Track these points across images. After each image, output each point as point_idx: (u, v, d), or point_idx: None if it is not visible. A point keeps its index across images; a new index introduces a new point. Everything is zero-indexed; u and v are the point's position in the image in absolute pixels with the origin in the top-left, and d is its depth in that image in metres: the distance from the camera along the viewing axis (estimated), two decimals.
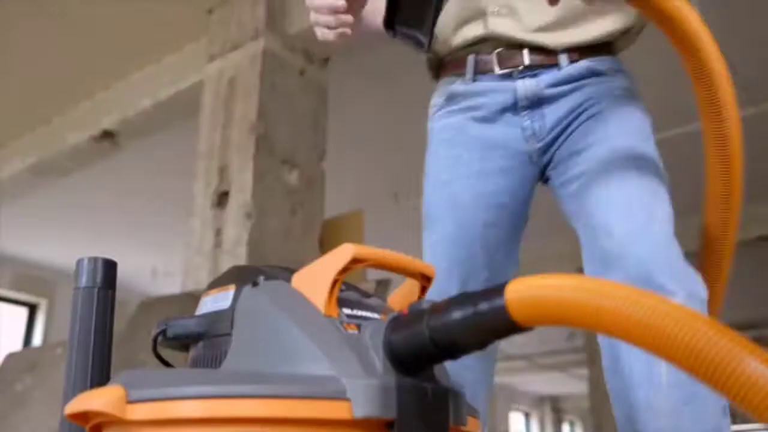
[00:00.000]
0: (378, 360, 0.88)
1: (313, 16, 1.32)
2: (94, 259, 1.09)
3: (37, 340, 7.39)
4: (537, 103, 1.51)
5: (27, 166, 5.90)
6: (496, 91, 1.53)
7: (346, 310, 0.95)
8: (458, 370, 1.07)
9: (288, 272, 0.99)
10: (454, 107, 1.57)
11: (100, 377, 1.06)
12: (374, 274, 3.65)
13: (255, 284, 0.97)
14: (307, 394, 0.83)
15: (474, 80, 1.56)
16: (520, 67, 1.53)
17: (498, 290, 0.80)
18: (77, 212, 6.60)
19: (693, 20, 1.20)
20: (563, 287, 0.75)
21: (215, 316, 1.00)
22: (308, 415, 0.83)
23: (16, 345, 6.70)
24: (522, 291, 0.78)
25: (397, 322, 0.89)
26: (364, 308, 0.97)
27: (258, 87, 4.21)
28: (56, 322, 7.42)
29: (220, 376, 0.90)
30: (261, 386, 0.83)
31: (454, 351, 0.86)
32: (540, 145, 1.51)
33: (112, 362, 1.08)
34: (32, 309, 7.64)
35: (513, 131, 1.53)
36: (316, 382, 0.85)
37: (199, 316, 1.02)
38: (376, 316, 0.97)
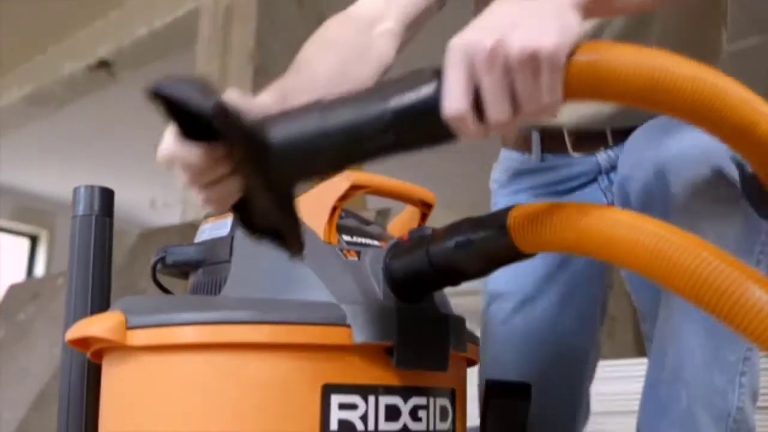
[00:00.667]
0: (378, 286, 0.88)
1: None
2: (91, 188, 1.08)
3: (39, 270, 7.43)
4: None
5: (23, 95, 5.83)
6: (572, 165, 1.26)
7: (346, 237, 0.94)
8: None
9: None
10: (521, 186, 1.32)
11: (100, 304, 1.06)
12: (374, 203, 3.64)
13: None
14: (307, 320, 0.83)
15: (542, 159, 1.29)
16: (602, 149, 1.24)
17: (500, 216, 0.79)
18: (76, 143, 6.56)
19: None
20: (567, 213, 0.74)
21: (214, 243, 0.99)
22: (308, 340, 0.83)
23: (18, 276, 6.74)
24: (525, 216, 0.77)
25: (398, 249, 0.89)
26: (364, 235, 0.97)
27: (256, 15, 4.12)
28: (57, 252, 7.45)
29: (219, 302, 0.90)
30: (260, 312, 0.83)
31: (454, 277, 0.85)
32: None
33: (112, 292, 1.08)
34: (33, 240, 7.66)
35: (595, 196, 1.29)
36: (316, 309, 0.84)
37: (198, 244, 1.02)
38: (375, 243, 0.96)
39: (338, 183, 0.91)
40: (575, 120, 1.22)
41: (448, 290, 0.93)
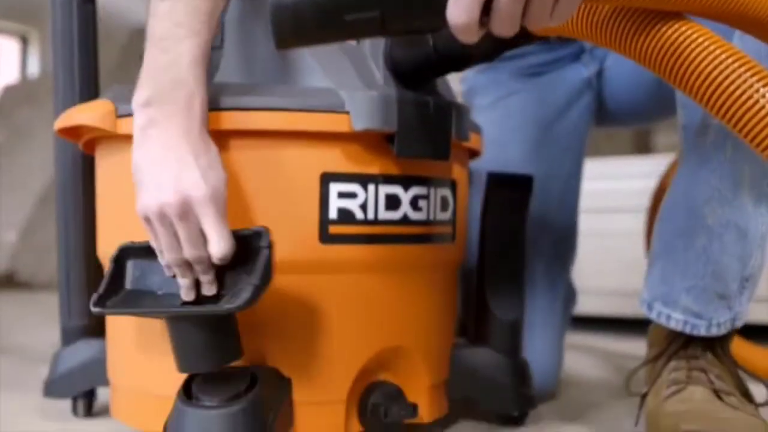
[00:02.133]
0: (378, 72, 0.83)
1: None
2: None
3: (32, 71, 7.31)
4: None
5: None
6: (555, 48, 1.26)
7: None
8: None
9: None
10: (501, 70, 1.28)
11: (88, 93, 1.02)
12: None
13: None
14: (304, 107, 0.79)
15: None
16: None
17: None
18: None
19: None
20: None
21: None
22: (305, 127, 0.79)
23: (12, 78, 6.63)
24: None
25: None
26: None
27: None
28: (50, 52, 7.28)
29: (213, 89, 0.85)
30: (256, 98, 0.79)
31: (459, 61, 0.81)
32: None
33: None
34: (24, 41, 7.47)
35: None
36: (314, 95, 0.81)
37: None
38: None
39: None
40: None
41: None
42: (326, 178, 0.81)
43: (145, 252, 0.78)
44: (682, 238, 0.90)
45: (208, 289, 0.75)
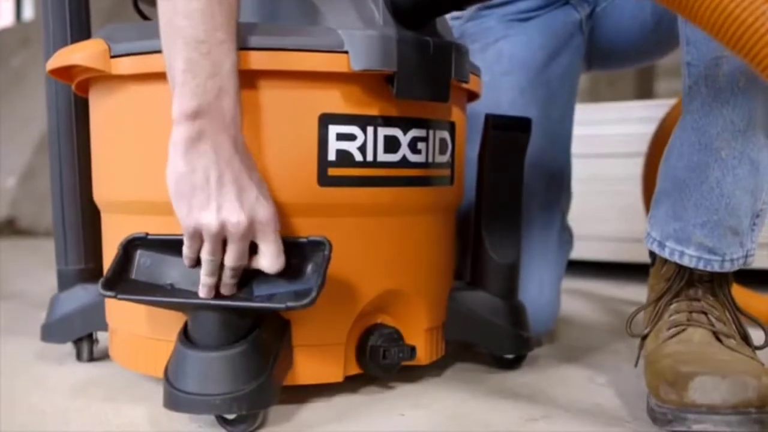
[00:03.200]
0: (377, 11, 0.81)
1: None
2: None
3: (27, 15, 7.21)
4: None
5: None
6: None
7: None
8: None
9: None
10: (490, 16, 1.27)
11: (80, 33, 1.00)
12: None
13: None
14: (302, 46, 0.78)
15: None
16: None
17: None
18: None
19: None
20: None
21: None
22: (304, 67, 0.78)
23: (7, 21, 6.54)
24: None
25: None
26: None
27: None
28: None
29: None
30: (252, 37, 0.77)
31: None
32: None
33: None
34: None
35: None
36: (311, 34, 0.79)
37: None
38: None
39: None
40: None
41: None
42: (325, 120, 0.80)
43: (157, 244, 0.80)
44: (696, 172, 0.88)
45: (229, 290, 0.77)
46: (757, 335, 0.91)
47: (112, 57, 0.82)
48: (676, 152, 0.91)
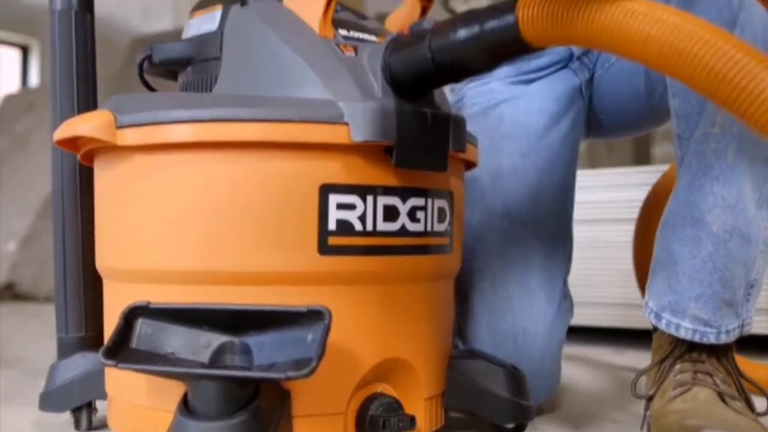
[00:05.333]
0: (376, 83, 0.83)
1: None
2: None
3: (33, 81, 7.32)
4: None
5: None
6: (544, 54, 1.25)
7: (342, 32, 0.88)
8: None
9: None
10: (492, 77, 1.29)
11: (87, 104, 1.02)
12: (373, 6, 3.51)
13: (243, 3, 0.90)
14: (303, 118, 0.79)
15: None
16: None
17: (508, 6, 0.73)
18: None
19: None
20: (578, 3, 0.68)
21: (202, 38, 0.94)
22: (305, 139, 0.80)
23: (13, 87, 6.65)
24: (535, 7, 0.71)
25: (397, 43, 0.83)
26: (361, 30, 0.91)
27: None
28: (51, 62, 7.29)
29: (212, 99, 0.86)
30: (255, 109, 0.79)
31: (457, 73, 0.81)
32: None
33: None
34: (25, 51, 7.49)
35: None
36: (313, 106, 0.81)
37: (186, 40, 0.96)
38: (373, 38, 0.91)
39: None
40: None
41: None
42: (325, 190, 0.81)
43: (158, 313, 0.79)
44: (688, 246, 0.90)
45: None
46: (758, 403, 0.91)
47: (118, 128, 0.84)
48: (670, 225, 0.92)
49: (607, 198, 2.06)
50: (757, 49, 0.61)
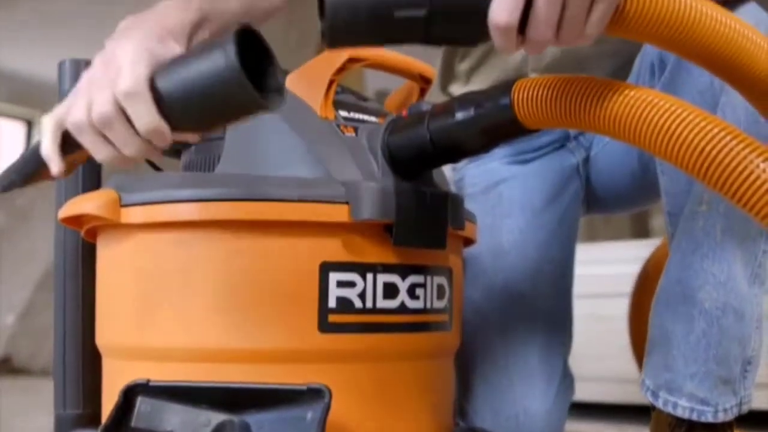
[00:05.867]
0: (376, 163, 0.85)
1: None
2: (77, 61, 1.04)
3: None
4: None
5: None
6: (541, 134, 1.21)
7: (343, 113, 0.91)
8: None
9: (282, 73, 0.94)
10: (491, 157, 1.30)
11: (91, 182, 1.04)
12: (373, 84, 3.57)
13: None
14: (305, 197, 0.81)
15: None
16: None
17: (504, 89, 0.76)
18: (72, 23, 6.39)
19: None
20: (572, 88, 0.71)
21: None
22: (306, 218, 0.81)
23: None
24: (529, 91, 0.74)
25: (396, 124, 0.86)
26: (361, 111, 0.93)
27: None
28: None
29: (214, 178, 0.88)
30: (257, 189, 0.81)
31: (455, 153, 0.83)
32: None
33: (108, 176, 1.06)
34: (29, 124, 7.60)
35: None
36: (314, 185, 0.82)
37: None
38: (373, 119, 0.93)
39: (335, 55, 0.88)
40: None
41: None
42: (326, 268, 0.82)
43: (158, 391, 0.79)
44: (681, 323, 0.90)
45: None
46: None
47: (122, 206, 0.85)
48: (663, 302, 0.93)
49: (606, 272, 2.07)
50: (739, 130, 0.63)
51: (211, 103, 0.70)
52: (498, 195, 1.23)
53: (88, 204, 0.88)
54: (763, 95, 0.73)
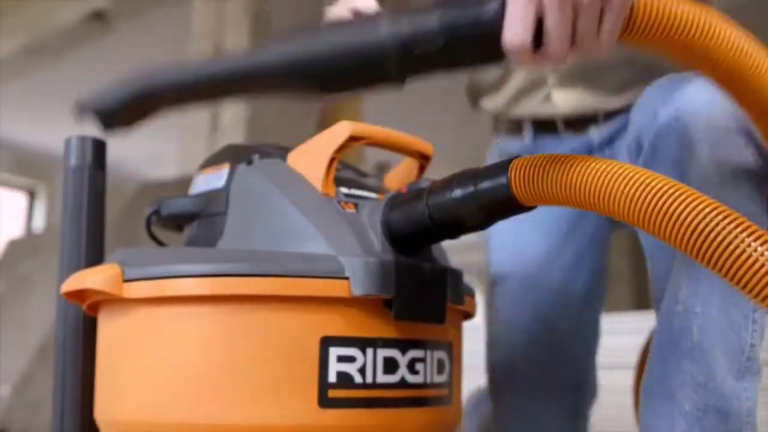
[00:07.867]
0: (376, 239, 0.87)
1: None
2: (83, 138, 1.06)
3: (38, 225, 7.43)
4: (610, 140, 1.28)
5: (19, 45, 5.75)
6: (563, 143, 1.30)
7: (344, 189, 0.93)
8: None
9: (284, 151, 0.96)
10: None
11: (94, 257, 1.05)
12: (373, 157, 3.61)
13: (250, 162, 0.95)
14: (305, 272, 0.82)
15: (534, 141, 1.33)
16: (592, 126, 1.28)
17: (501, 168, 0.78)
18: (74, 95, 6.49)
19: None
20: (567, 167, 0.72)
21: (209, 195, 0.98)
22: (306, 293, 0.82)
23: (17, 231, 6.74)
24: (526, 169, 0.75)
25: (396, 201, 0.87)
26: (362, 187, 0.95)
27: None
28: (56, 206, 7.43)
29: (216, 254, 0.89)
30: (258, 264, 0.82)
31: (453, 230, 0.84)
32: None
33: (110, 246, 1.07)
34: (31, 195, 7.64)
35: None
36: (314, 261, 0.83)
37: (193, 196, 1.00)
38: (373, 195, 0.95)
39: (336, 134, 0.90)
40: (569, 110, 1.27)
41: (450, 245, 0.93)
42: (326, 342, 0.83)
43: None
44: (665, 420, 0.89)
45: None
46: None
47: (125, 281, 0.86)
48: (647, 395, 0.92)
49: (606, 344, 2.05)
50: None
51: None
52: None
53: (91, 278, 0.89)
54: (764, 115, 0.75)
